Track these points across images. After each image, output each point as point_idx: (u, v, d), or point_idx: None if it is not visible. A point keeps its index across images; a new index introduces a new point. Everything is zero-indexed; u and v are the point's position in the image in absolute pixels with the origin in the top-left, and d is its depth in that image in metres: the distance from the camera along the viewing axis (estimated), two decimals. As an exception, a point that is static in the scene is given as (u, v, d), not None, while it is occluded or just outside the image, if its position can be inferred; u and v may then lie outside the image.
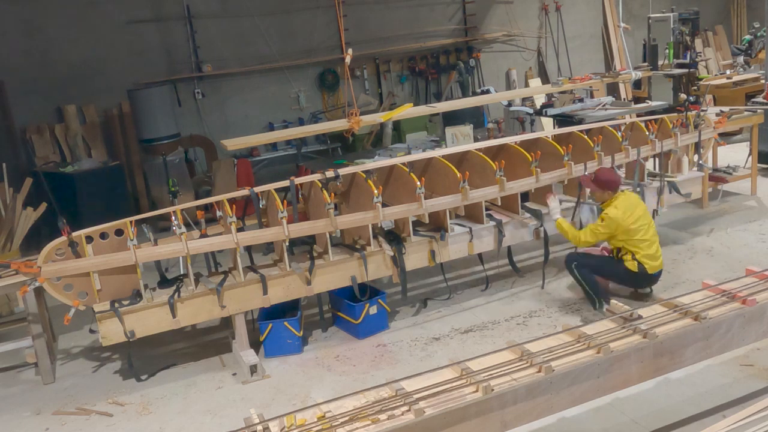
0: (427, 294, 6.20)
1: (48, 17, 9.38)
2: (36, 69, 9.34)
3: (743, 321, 3.93)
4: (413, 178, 5.30)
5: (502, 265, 6.01)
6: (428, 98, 11.71)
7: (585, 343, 3.67)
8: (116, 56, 9.80)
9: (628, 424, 4.05)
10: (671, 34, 9.93)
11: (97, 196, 8.45)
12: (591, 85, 9.09)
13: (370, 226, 5.29)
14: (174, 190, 6.17)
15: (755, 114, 7.91)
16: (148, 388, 5.07)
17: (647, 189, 6.20)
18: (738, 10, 14.16)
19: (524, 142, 6.03)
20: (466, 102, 9.24)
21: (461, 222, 5.70)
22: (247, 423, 3.31)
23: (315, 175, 5.45)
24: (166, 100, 9.70)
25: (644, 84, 10.68)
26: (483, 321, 5.59)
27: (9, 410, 4.96)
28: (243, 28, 10.51)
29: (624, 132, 6.13)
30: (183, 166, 9.37)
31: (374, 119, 7.87)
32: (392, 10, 11.50)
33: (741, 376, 4.40)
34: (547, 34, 12.80)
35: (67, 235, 4.71)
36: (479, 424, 3.34)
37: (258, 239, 5.08)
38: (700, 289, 4.25)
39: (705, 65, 12.39)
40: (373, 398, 3.38)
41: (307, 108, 11.11)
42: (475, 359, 3.64)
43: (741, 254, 6.31)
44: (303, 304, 5.67)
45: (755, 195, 7.87)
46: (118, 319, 4.76)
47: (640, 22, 11.76)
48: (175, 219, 4.88)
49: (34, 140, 9.31)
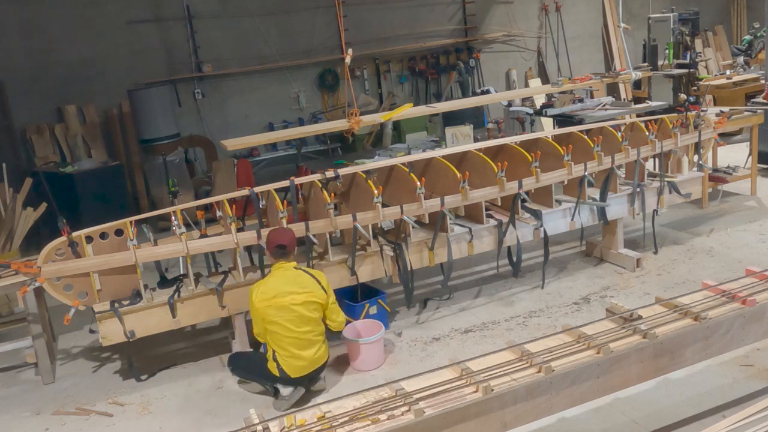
0: (427, 294, 6.20)
1: (48, 17, 9.39)
2: (36, 69, 9.35)
3: (743, 321, 3.93)
4: (413, 178, 5.30)
5: (503, 265, 6.01)
6: (428, 98, 11.71)
7: (585, 343, 3.67)
8: (116, 56, 9.80)
9: (628, 424, 4.06)
10: (671, 35, 9.94)
11: (97, 196, 8.45)
12: (591, 85, 9.09)
13: (370, 226, 5.29)
14: (174, 190, 6.17)
15: (755, 114, 7.91)
16: (148, 388, 5.07)
17: (647, 189, 6.20)
18: (738, 10, 14.15)
19: (524, 142, 6.03)
20: (466, 102, 9.23)
21: (461, 222, 5.70)
22: (247, 423, 3.31)
23: (315, 175, 5.45)
24: (166, 100, 9.71)
25: (644, 84, 10.69)
26: (483, 321, 5.59)
27: (9, 410, 4.96)
28: (243, 28, 10.51)
29: (624, 132, 6.13)
30: (183, 166, 9.37)
31: (374, 119, 7.87)
32: (392, 10, 11.50)
33: (741, 376, 4.40)
34: (547, 34, 12.80)
35: (66, 235, 4.71)
36: (479, 424, 3.34)
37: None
38: (700, 290, 4.25)
39: (705, 65, 12.40)
40: (373, 398, 3.38)
41: (307, 108, 11.11)
42: (475, 359, 3.64)
43: (741, 254, 6.31)
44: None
45: (755, 195, 7.88)
46: (118, 319, 4.76)
47: (640, 22, 11.75)
48: (175, 219, 4.88)
49: (34, 140, 9.31)
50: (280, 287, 4.43)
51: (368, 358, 5.04)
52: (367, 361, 5.03)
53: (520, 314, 5.64)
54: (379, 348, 5.07)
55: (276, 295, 4.40)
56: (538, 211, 5.79)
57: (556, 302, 5.79)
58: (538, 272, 6.25)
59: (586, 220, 6.03)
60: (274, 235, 4.62)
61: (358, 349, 5.02)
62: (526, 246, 5.90)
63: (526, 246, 6.01)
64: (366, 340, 5.00)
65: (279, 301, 4.39)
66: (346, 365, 5.10)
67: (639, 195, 6.14)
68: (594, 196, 6.07)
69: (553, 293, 5.96)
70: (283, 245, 4.53)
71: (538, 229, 5.78)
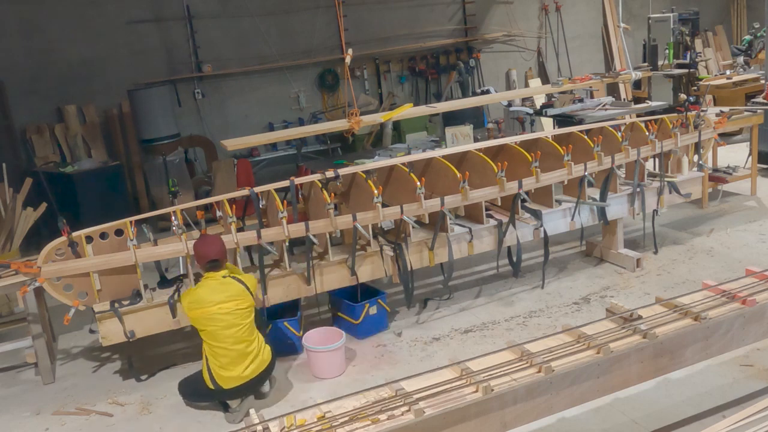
0: (427, 294, 6.20)
1: (48, 17, 9.38)
2: (36, 69, 9.35)
3: (743, 321, 3.93)
4: (413, 178, 5.30)
5: (503, 265, 6.01)
6: (428, 98, 11.71)
7: (585, 343, 3.67)
8: (116, 56, 9.80)
9: (628, 424, 4.06)
10: (671, 35, 9.94)
11: (97, 196, 8.45)
12: (591, 85, 9.09)
13: (370, 226, 5.29)
14: (174, 190, 6.16)
15: (755, 114, 7.91)
16: (148, 388, 5.07)
17: (647, 189, 6.20)
18: (738, 10, 14.15)
19: (524, 142, 6.03)
20: (466, 102, 9.23)
21: (461, 222, 5.70)
22: (247, 423, 3.31)
23: (315, 175, 5.45)
24: (166, 100, 9.70)
25: (644, 84, 10.69)
26: (483, 321, 5.59)
27: (9, 410, 4.96)
28: (243, 28, 10.51)
29: (624, 132, 6.13)
30: (183, 166, 9.37)
31: (374, 119, 7.87)
32: (392, 10, 11.49)
33: (741, 376, 4.40)
34: (547, 34, 12.80)
35: (67, 235, 4.71)
36: (479, 424, 3.34)
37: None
38: (700, 290, 4.26)
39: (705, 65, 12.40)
40: (373, 398, 3.38)
41: (307, 108, 11.11)
42: (475, 359, 3.64)
43: (741, 254, 6.31)
44: (303, 305, 5.68)
45: (755, 195, 7.88)
46: (118, 319, 4.76)
47: (640, 22, 11.75)
48: (175, 219, 4.89)
49: (34, 140, 9.31)
50: (208, 297, 4.34)
51: (325, 366, 4.97)
52: (323, 369, 4.97)
53: (520, 314, 5.64)
54: (337, 357, 4.98)
55: (204, 305, 4.32)
56: (538, 211, 5.79)
57: (556, 302, 5.79)
58: (538, 272, 6.25)
59: (586, 220, 6.03)
60: (204, 248, 4.44)
61: (316, 357, 4.97)
62: (526, 246, 5.90)
63: (526, 246, 6.01)
64: (320, 349, 4.94)
65: (207, 311, 4.31)
66: (346, 365, 5.10)
67: (639, 195, 6.14)
68: (594, 196, 6.07)
69: (553, 293, 5.96)
70: (215, 260, 4.43)
71: (538, 229, 5.78)
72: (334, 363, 5.00)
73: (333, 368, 4.99)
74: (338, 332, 5.13)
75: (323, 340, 5.05)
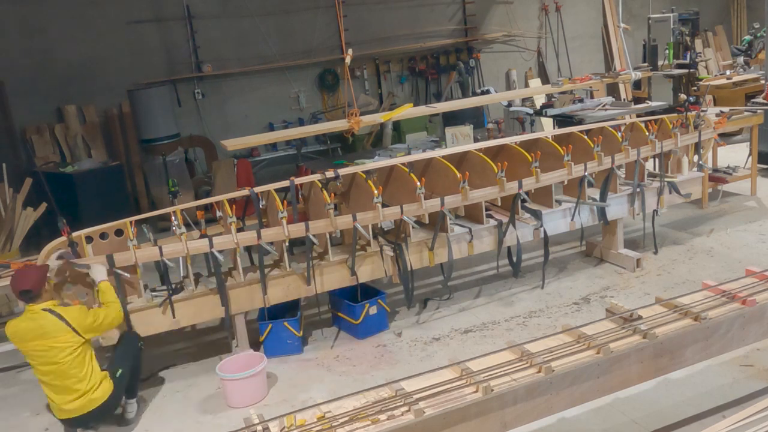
0: (427, 294, 6.20)
1: (48, 17, 9.38)
2: (36, 69, 9.35)
3: (743, 321, 3.93)
4: (413, 178, 5.30)
5: (503, 265, 6.01)
6: (428, 98, 11.71)
7: (585, 343, 3.67)
8: (116, 56, 9.80)
9: (628, 424, 4.06)
10: (671, 35, 9.94)
11: (97, 196, 8.46)
12: (591, 85, 9.09)
13: (370, 226, 5.29)
14: (174, 190, 6.17)
15: (755, 114, 7.91)
16: (148, 388, 5.06)
17: (647, 189, 6.20)
18: (738, 10, 14.15)
19: (524, 142, 6.03)
20: (466, 102, 9.23)
21: (461, 222, 5.70)
22: (246, 423, 3.31)
23: (315, 176, 5.45)
24: (166, 100, 9.71)
25: (644, 84, 10.68)
26: (483, 321, 5.59)
27: (9, 410, 4.97)
28: (243, 28, 10.51)
29: (624, 132, 6.12)
30: (183, 166, 9.38)
31: (374, 119, 7.87)
32: (392, 10, 11.49)
33: (741, 376, 4.40)
34: (547, 34, 12.80)
35: (67, 235, 4.70)
36: (479, 424, 3.34)
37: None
38: (700, 290, 4.25)
39: (705, 66, 12.40)
40: (372, 398, 3.38)
41: (307, 108, 11.11)
42: (475, 359, 3.64)
43: (741, 254, 6.31)
44: (303, 305, 5.68)
45: (755, 195, 7.87)
46: (117, 319, 4.76)
47: (640, 22, 11.75)
48: (175, 219, 4.88)
49: (34, 140, 9.31)
50: (26, 333, 4.19)
51: (236, 395, 4.65)
52: (234, 398, 4.66)
53: (520, 314, 5.64)
54: (254, 383, 4.66)
55: (23, 340, 4.21)
56: (538, 211, 5.79)
57: (556, 302, 5.79)
58: (538, 272, 6.25)
59: (586, 220, 6.03)
60: (16, 280, 4.23)
61: (225, 385, 4.69)
62: (526, 246, 5.90)
63: (526, 246, 6.00)
64: (231, 377, 4.64)
65: (26, 346, 4.22)
66: (346, 365, 5.10)
67: (639, 195, 6.14)
68: (594, 196, 6.07)
69: (553, 293, 5.96)
70: (26, 290, 4.18)
71: (538, 229, 5.78)
72: (244, 391, 4.66)
73: (242, 398, 4.65)
74: (259, 357, 4.82)
75: (243, 367, 4.73)
